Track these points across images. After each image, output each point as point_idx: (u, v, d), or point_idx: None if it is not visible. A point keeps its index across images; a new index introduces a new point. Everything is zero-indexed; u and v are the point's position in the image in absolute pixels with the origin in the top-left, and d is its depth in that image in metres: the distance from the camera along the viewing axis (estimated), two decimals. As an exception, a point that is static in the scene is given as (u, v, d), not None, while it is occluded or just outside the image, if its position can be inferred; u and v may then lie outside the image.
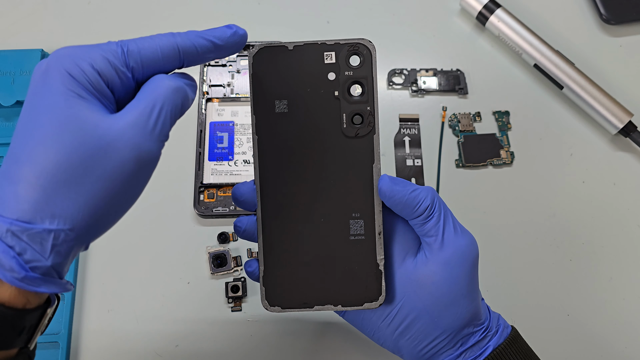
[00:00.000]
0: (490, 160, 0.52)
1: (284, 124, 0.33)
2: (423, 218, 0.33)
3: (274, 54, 0.33)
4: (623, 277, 0.48)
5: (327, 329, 0.46)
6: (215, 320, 0.46)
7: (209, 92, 0.53)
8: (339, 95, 0.33)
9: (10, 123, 0.52)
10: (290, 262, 0.34)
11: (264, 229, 0.34)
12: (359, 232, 0.34)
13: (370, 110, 0.34)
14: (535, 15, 0.58)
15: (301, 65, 0.33)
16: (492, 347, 0.34)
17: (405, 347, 0.35)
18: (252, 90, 0.33)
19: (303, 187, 0.34)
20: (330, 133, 0.34)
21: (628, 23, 0.57)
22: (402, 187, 0.33)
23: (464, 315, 0.34)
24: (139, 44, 0.29)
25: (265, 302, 0.34)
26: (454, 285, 0.33)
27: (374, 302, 0.34)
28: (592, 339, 0.46)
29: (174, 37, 0.29)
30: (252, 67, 0.33)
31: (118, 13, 0.58)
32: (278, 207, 0.34)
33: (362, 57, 0.33)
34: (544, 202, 0.51)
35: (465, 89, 0.55)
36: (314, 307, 0.34)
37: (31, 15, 0.58)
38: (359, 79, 0.33)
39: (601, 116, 0.52)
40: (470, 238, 0.34)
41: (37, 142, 0.26)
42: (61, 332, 0.45)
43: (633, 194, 0.51)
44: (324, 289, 0.34)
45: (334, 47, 0.33)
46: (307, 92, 0.33)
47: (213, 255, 0.48)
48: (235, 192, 0.34)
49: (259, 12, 0.58)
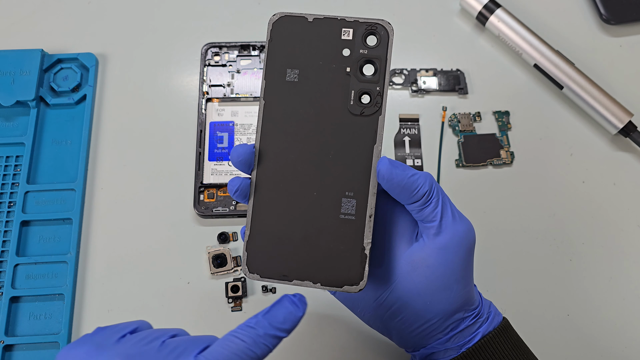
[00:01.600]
0: (490, 160, 0.52)
1: (292, 92, 0.34)
2: (421, 203, 0.33)
3: (293, 24, 0.34)
4: (623, 277, 0.48)
5: (327, 329, 0.46)
6: (215, 320, 0.46)
7: (209, 92, 0.53)
8: (351, 72, 0.34)
9: (10, 123, 0.52)
10: (276, 232, 0.34)
11: (256, 193, 0.34)
12: (349, 212, 0.33)
13: (379, 91, 0.34)
14: (535, 15, 0.58)
15: (318, 38, 0.34)
16: (481, 334, 0.35)
17: (395, 329, 0.35)
18: (266, 56, 0.34)
19: (301, 158, 0.34)
20: (336, 108, 0.34)
21: (628, 23, 0.57)
22: (401, 170, 0.33)
23: (457, 299, 0.34)
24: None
25: (245, 268, 0.34)
26: (448, 269, 0.33)
27: (354, 286, 0.33)
28: (592, 339, 0.46)
29: (251, 347, 0.29)
30: (271, 33, 0.34)
31: (118, 13, 0.58)
32: (273, 174, 0.34)
33: (379, 37, 0.34)
34: (544, 202, 0.51)
35: (465, 89, 0.55)
36: (292, 281, 0.33)
37: (31, 15, 0.58)
38: (372, 58, 0.34)
39: (601, 116, 0.52)
40: (467, 224, 0.34)
41: None
42: (61, 332, 0.45)
43: (633, 194, 0.51)
44: (306, 264, 0.33)
45: (352, 25, 0.34)
46: (320, 64, 0.34)
47: (213, 255, 0.48)
48: (234, 152, 0.34)
49: (259, 12, 0.58)
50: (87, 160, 0.51)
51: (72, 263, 0.47)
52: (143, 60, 0.56)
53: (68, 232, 0.49)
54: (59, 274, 0.47)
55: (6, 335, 0.45)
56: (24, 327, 0.46)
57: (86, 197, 0.50)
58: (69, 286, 0.46)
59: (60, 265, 0.47)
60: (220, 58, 0.55)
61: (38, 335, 0.45)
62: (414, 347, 0.36)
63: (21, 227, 0.49)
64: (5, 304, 0.46)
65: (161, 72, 0.55)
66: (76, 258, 0.48)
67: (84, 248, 0.49)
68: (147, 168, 0.51)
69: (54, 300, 0.46)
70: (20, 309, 0.46)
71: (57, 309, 0.46)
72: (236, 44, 0.55)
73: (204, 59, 0.55)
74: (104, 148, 0.52)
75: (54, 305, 0.46)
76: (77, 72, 0.54)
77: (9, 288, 0.46)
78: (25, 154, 0.51)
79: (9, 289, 0.46)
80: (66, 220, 0.49)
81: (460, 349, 0.34)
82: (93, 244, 0.49)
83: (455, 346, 0.34)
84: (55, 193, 0.50)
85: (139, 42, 0.57)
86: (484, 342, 0.34)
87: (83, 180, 0.50)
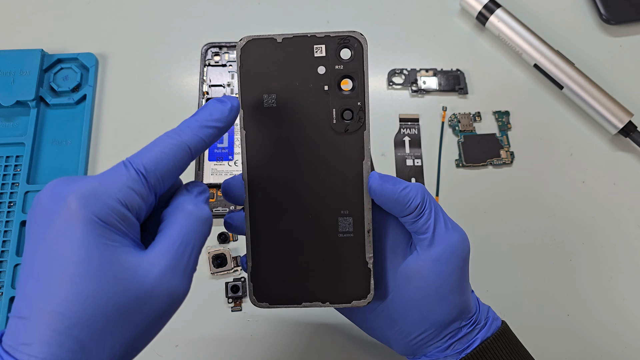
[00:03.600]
0: (490, 160, 0.52)
1: (272, 118, 0.33)
2: (414, 216, 0.33)
3: (263, 47, 0.32)
4: (623, 277, 0.48)
5: (327, 329, 0.46)
6: (215, 320, 0.46)
7: (209, 92, 0.53)
8: (329, 90, 0.33)
9: (10, 123, 0.52)
10: (278, 259, 0.34)
11: (251, 224, 0.34)
12: (347, 230, 0.34)
13: (361, 106, 0.33)
14: (535, 15, 0.58)
15: (290, 58, 0.32)
16: (480, 339, 0.35)
17: (394, 338, 0.35)
18: (239, 84, 0.33)
19: (291, 183, 0.33)
20: (319, 128, 0.33)
21: (628, 23, 0.57)
22: (392, 185, 0.33)
23: (453, 310, 0.34)
24: (152, 159, 0.28)
25: (253, 298, 0.34)
26: (442, 281, 0.33)
27: (362, 300, 0.34)
28: (592, 339, 0.46)
29: (181, 138, 0.28)
30: (240, 59, 0.33)
31: (118, 13, 0.58)
32: (266, 202, 0.33)
33: (353, 50, 0.32)
34: (544, 202, 0.51)
35: (465, 89, 0.55)
36: (301, 304, 0.34)
37: (31, 15, 0.58)
38: (349, 73, 0.33)
39: (601, 116, 0.52)
40: (461, 234, 0.34)
41: (69, 293, 0.25)
42: (61, 332, 0.45)
43: (633, 194, 0.51)
44: (312, 285, 0.34)
45: (324, 40, 0.32)
46: (296, 86, 0.33)
47: (213, 255, 0.48)
48: (225, 187, 0.34)
49: (259, 12, 0.58)
50: (87, 160, 0.51)
51: None
52: (143, 60, 0.56)
53: (68, 232, 0.48)
54: (59, 274, 0.47)
55: (6, 335, 0.45)
56: (24, 327, 0.46)
57: (86, 197, 0.50)
58: (69, 286, 0.46)
59: (60, 265, 0.47)
60: (220, 58, 0.55)
61: (38, 335, 0.45)
62: (414, 354, 0.36)
63: (21, 227, 0.49)
64: (5, 304, 0.46)
65: (161, 72, 0.55)
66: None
67: (84, 248, 0.48)
68: (147, 168, 0.51)
69: (54, 300, 0.46)
70: (20, 309, 0.46)
71: (57, 309, 0.46)
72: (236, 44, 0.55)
73: (204, 59, 0.55)
74: (104, 148, 0.52)
75: (54, 305, 0.46)
76: (77, 72, 0.54)
77: (9, 288, 0.46)
78: (25, 154, 0.51)
79: (8, 289, 0.46)
80: (66, 220, 0.49)
81: (459, 355, 0.34)
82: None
83: (454, 353, 0.34)
84: (55, 193, 0.50)
85: (139, 42, 0.57)
86: (482, 347, 0.34)
87: (83, 180, 0.50)
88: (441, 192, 0.51)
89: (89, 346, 0.25)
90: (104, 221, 0.26)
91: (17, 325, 0.25)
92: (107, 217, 0.26)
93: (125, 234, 0.27)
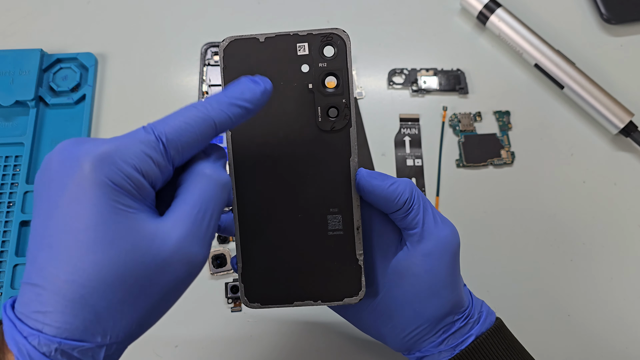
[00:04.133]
0: (491, 160, 0.52)
1: (257, 118, 0.32)
2: (403, 211, 0.33)
3: (246, 47, 0.32)
4: (624, 277, 0.48)
5: (326, 328, 0.46)
6: (215, 320, 0.46)
7: (209, 92, 0.53)
8: (313, 88, 0.33)
9: (9, 123, 0.52)
10: (268, 259, 0.34)
11: (240, 225, 0.33)
12: (337, 228, 0.33)
13: (346, 103, 0.33)
14: (535, 14, 0.58)
15: (273, 57, 0.32)
16: (474, 335, 0.34)
17: (388, 335, 0.35)
18: (223, 84, 0.33)
19: (279, 182, 0.33)
20: (305, 127, 0.33)
21: (629, 23, 0.57)
22: (380, 181, 0.33)
23: (445, 305, 0.34)
24: (176, 129, 0.26)
25: (244, 299, 0.34)
26: (434, 276, 0.33)
27: (354, 297, 0.34)
28: (593, 339, 0.46)
29: (207, 111, 0.27)
30: (223, 60, 0.32)
31: (117, 13, 0.58)
32: (254, 202, 0.33)
33: (337, 47, 0.32)
34: (545, 202, 0.51)
35: (465, 89, 0.54)
36: (293, 303, 0.34)
37: (30, 14, 0.58)
38: (333, 70, 0.32)
39: (602, 116, 0.52)
40: (450, 228, 0.34)
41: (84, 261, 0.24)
42: (60, 332, 0.45)
43: (634, 194, 0.51)
44: (303, 284, 0.34)
45: (306, 38, 0.32)
46: (281, 85, 0.32)
47: (213, 255, 0.47)
48: None
49: (259, 12, 0.58)
50: (86, 160, 0.51)
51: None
52: (142, 60, 0.56)
53: (67, 232, 0.48)
54: (58, 274, 0.47)
55: (5, 336, 0.45)
56: (23, 327, 0.45)
57: (86, 197, 0.50)
58: (68, 286, 0.46)
59: (60, 265, 0.47)
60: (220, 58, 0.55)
61: (37, 335, 0.45)
62: (408, 351, 0.36)
63: (20, 227, 0.48)
64: (5, 305, 0.46)
65: (161, 72, 0.55)
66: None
67: (83, 248, 0.48)
68: (146, 168, 0.51)
69: (54, 300, 0.46)
70: (19, 309, 0.46)
71: (57, 309, 0.46)
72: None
73: (203, 59, 0.55)
74: (103, 148, 0.52)
75: (54, 305, 0.46)
76: (77, 71, 0.54)
77: (9, 288, 0.46)
78: (24, 153, 0.51)
79: (8, 289, 0.46)
80: (65, 220, 0.49)
81: (454, 350, 0.34)
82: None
83: (449, 348, 0.34)
84: (55, 193, 0.50)
85: (138, 42, 0.57)
86: (477, 343, 0.34)
87: (82, 180, 0.50)
88: (441, 192, 0.51)
89: (105, 316, 0.24)
90: (118, 186, 0.25)
91: (30, 292, 0.24)
92: (122, 182, 0.25)
93: (142, 202, 0.26)
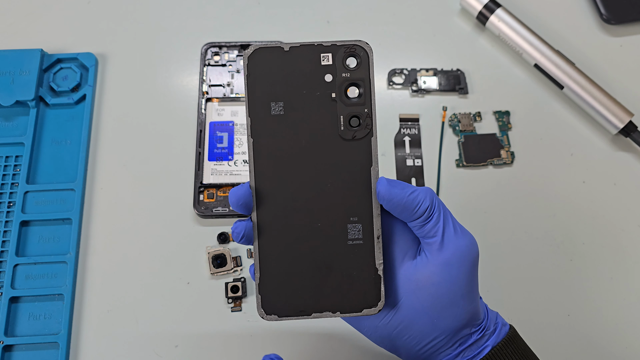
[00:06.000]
0: (491, 160, 0.52)
1: (280, 126, 0.33)
2: (422, 219, 0.33)
3: (270, 55, 0.33)
4: (624, 277, 0.48)
5: (327, 328, 0.46)
6: (215, 320, 0.46)
7: (209, 92, 0.53)
8: (336, 97, 0.33)
9: (10, 123, 0.52)
10: (286, 269, 0.33)
11: (259, 234, 0.33)
12: (357, 237, 0.33)
13: (368, 112, 0.33)
14: (535, 15, 0.58)
15: (297, 66, 0.33)
16: (490, 346, 0.34)
17: (402, 347, 0.35)
18: (247, 92, 0.33)
19: (300, 191, 0.33)
20: (327, 136, 0.33)
21: (628, 23, 0.57)
22: (400, 189, 0.33)
23: (463, 316, 0.34)
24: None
25: (261, 311, 0.33)
26: (453, 286, 0.33)
27: (373, 308, 0.33)
28: (593, 339, 0.46)
29: None
30: (248, 68, 0.33)
31: (118, 13, 0.58)
32: (274, 211, 0.33)
33: (359, 58, 0.33)
34: (544, 202, 0.51)
35: (465, 89, 0.54)
36: (311, 315, 0.33)
37: (30, 14, 0.58)
38: (356, 80, 0.33)
39: (601, 116, 0.52)
40: (470, 238, 0.34)
41: None
42: (61, 332, 0.45)
43: (633, 194, 0.51)
44: (322, 295, 0.33)
45: (330, 49, 0.33)
46: (304, 94, 0.33)
47: (213, 255, 0.47)
48: (233, 196, 0.33)
49: (259, 12, 0.58)
50: (86, 160, 0.51)
51: (71, 263, 0.47)
52: (143, 60, 0.56)
53: (68, 232, 0.48)
54: (58, 274, 0.47)
55: (6, 336, 0.45)
56: (24, 327, 0.45)
57: (86, 197, 0.50)
58: (68, 286, 0.46)
59: (60, 265, 0.47)
60: (220, 58, 0.55)
61: (38, 335, 0.45)
62: None
63: (21, 227, 0.48)
64: (5, 304, 0.46)
65: (161, 72, 0.55)
66: (76, 258, 0.48)
67: (83, 248, 0.48)
68: (146, 168, 0.51)
69: (54, 300, 0.46)
70: (19, 309, 0.46)
71: (57, 309, 0.46)
72: (236, 44, 0.55)
73: (203, 59, 0.55)
74: (103, 148, 0.52)
75: (54, 305, 0.46)
76: (77, 71, 0.54)
77: (9, 288, 0.46)
78: (24, 154, 0.51)
79: (8, 289, 0.46)
80: (66, 220, 0.49)
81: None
82: (93, 244, 0.49)
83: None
84: (55, 193, 0.50)
85: (138, 42, 0.57)
86: (492, 354, 0.34)
87: (83, 180, 0.50)
88: (441, 192, 0.51)
89: None
90: None
91: None
92: None
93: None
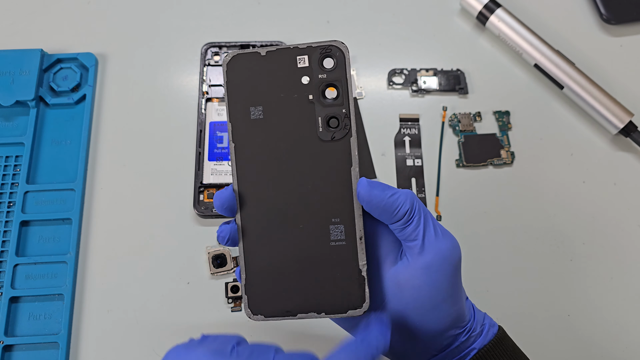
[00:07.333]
0: (491, 160, 0.52)
1: (260, 130, 0.33)
2: (402, 222, 0.33)
3: (247, 61, 0.33)
4: (624, 277, 0.48)
5: (327, 328, 0.46)
6: (215, 320, 0.46)
7: (209, 92, 0.53)
8: (314, 99, 0.33)
9: (10, 123, 0.52)
10: (271, 270, 0.34)
11: (244, 236, 0.34)
12: (339, 238, 0.33)
13: (346, 113, 0.33)
14: (535, 15, 0.58)
15: (274, 70, 0.33)
16: (476, 348, 0.34)
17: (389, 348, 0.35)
18: (227, 98, 0.33)
19: (281, 193, 0.33)
20: (306, 138, 0.33)
21: (628, 23, 0.57)
22: (380, 191, 0.32)
23: (446, 319, 0.33)
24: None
25: (247, 311, 0.34)
26: (434, 289, 0.33)
27: (357, 309, 0.33)
28: (593, 339, 0.46)
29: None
30: (227, 74, 0.33)
31: (117, 13, 0.58)
32: (257, 214, 0.33)
33: (335, 59, 0.33)
34: (544, 202, 0.51)
35: (465, 89, 0.54)
36: (297, 316, 0.33)
37: (31, 14, 0.58)
38: (333, 81, 0.33)
39: (601, 116, 0.52)
40: (452, 241, 0.34)
41: None
42: (61, 332, 0.45)
43: (633, 194, 0.51)
44: (307, 296, 0.33)
45: (306, 51, 0.33)
46: (282, 97, 0.33)
47: (213, 255, 0.47)
48: (217, 200, 0.34)
49: (259, 12, 0.58)
50: (86, 160, 0.51)
51: (71, 263, 0.47)
52: (143, 60, 0.56)
53: (68, 232, 0.48)
54: (58, 274, 0.47)
55: (6, 336, 0.45)
56: (24, 327, 0.46)
57: (86, 197, 0.50)
58: (68, 286, 0.46)
59: (60, 265, 0.47)
60: (220, 58, 0.55)
61: (38, 335, 0.45)
62: None
63: (21, 227, 0.48)
64: (5, 304, 0.46)
65: (161, 72, 0.55)
66: (76, 258, 0.48)
67: (83, 248, 0.48)
68: (146, 168, 0.51)
69: (54, 300, 0.46)
70: (19, 309, 0.46)
71: (57, 309, 0.46)
72: (236, 44, 0.55)
73: (203, 59, 0.55)
74: (103, 148, 0.52)
75: (54, 305, 0.46)
76: (77, 72, 0.54)
77: (9, 288, 0.46)
78: (24, 154, 0.51)
79: (8, 289, 0.46)
80: (66, 220, 0.49)
81: None
82: (93, 244, 0.49)
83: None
84: (55, 193, 0.50)
85: (138, 42, 0.57)
86: (478, 356, 0.34)
87: (83, 180, 0.50)
88: (441, 192, 0.51)
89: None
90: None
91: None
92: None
93: None
